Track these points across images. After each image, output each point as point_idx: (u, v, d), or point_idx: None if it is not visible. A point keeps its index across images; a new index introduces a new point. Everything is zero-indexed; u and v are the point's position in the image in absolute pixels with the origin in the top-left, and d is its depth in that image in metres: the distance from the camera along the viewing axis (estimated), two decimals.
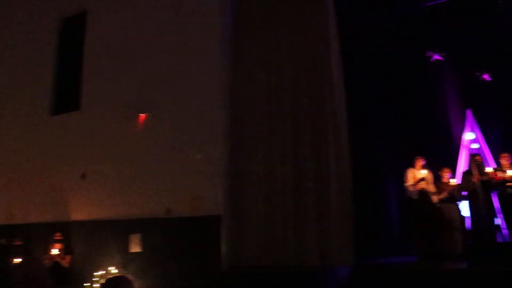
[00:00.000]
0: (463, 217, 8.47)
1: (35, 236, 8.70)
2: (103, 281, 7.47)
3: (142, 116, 8.06)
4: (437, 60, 10.57)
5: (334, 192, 6.61)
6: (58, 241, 8.02)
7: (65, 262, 7.87)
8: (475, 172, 8.06)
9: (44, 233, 8.41)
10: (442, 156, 9.91)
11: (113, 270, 7.54)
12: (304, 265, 6.58)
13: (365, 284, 6.23)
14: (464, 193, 8.58)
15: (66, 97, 9.52)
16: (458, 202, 8.53)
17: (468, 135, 10.31)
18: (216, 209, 6.94)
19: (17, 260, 7.75)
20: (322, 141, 6.75)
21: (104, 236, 7.96)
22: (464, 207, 8.73)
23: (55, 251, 7.81)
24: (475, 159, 8.44)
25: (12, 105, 10.11)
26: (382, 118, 10.41)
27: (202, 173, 7.21)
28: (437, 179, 8.51)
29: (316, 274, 6.43)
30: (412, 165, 8.44)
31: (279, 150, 6.99)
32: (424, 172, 8.27)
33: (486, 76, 10.31)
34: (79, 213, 8.50)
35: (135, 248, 7.55)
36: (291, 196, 6.82)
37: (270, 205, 6.90)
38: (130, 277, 2.07)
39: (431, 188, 8.37)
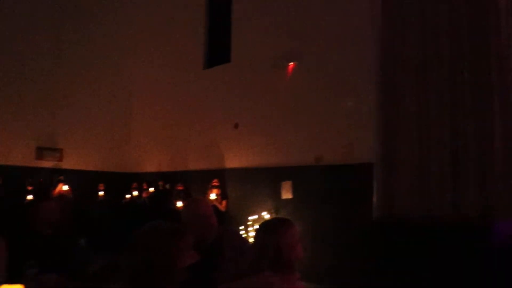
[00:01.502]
0: None
1: (194, 182, 10.29)
2: (256, 225, 8.67)
3: (291, 65, 8.80)
4: None
5: (498, 147, 6.46)
6: (215, 187, 9.38)
7: (221, 207, 9.19)
8: None
9: (202, 179, 9.91)
10: None
11: (265, 215, 8.66)
12: (461, 218, 6.69)
13: None
14: None
15: (218, 51, 10.81)
16: None
17: None
18: (368, 157, 7.29)
19: (180, 203, 9.37)
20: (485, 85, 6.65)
21: (256, 182, 9.06)
22: None
23: (212, 196, 9.17)
24: None
25: (168, 62, 11.80)
26: None
27: (353, 120, 7.64)
28: None
29: (476, 228, 6.55)
30: None
31: (434, 96, 7.04)
32: None
33: None
34: (233, 161, 9.78)
35: (286, 194, 8.49)
36: (448, 145, 6.91)
37: (425, 154, 7.11)
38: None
39: None
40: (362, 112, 7.55)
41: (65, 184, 10.46)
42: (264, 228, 2.33)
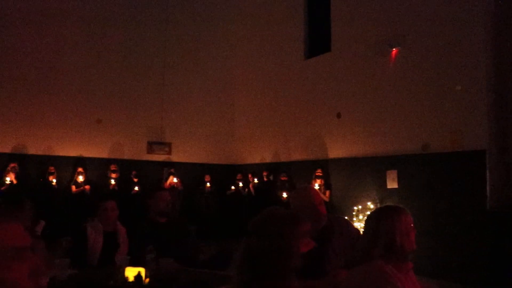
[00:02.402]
0: None
1: (298, 172, 10.55)
2: (361, 215, 8.72)
3: (394, 50, 8.67)
4: None
5: None
6: (318, 177, 9.55)
7: (325, 197, 9.34)
8: None
9: (305, 169, 10.13)
10: None
11: (370, 205, 8.68)
12: None
13: None
14: None
15: (318, 40, 10.91)
16: None
17: None
18: (480, 144, 7.02)
19: (284, 194, 9.67)
20: None
21: (360, 172, 9.07)
22: None
23: (316, 186, 9.34)
24: None
25: (269, 53, 12.13)
26: None
27: (462, 106, 7.35)
28: None
29: None
30: None
31: None
32: None
33: None
34: (336, 151, 9.87)
35: (392, 184, 8.42)
36: None
37: None
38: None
39: None
40: (472, 96, 7.26)
41: (175, 176, 11.25)
42: (377, 215, 2.27)
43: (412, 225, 2.23)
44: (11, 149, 10.49)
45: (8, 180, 9.47)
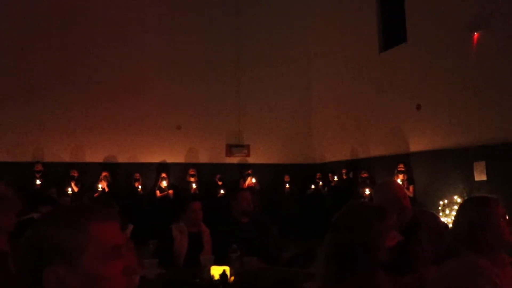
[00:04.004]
0: None
1: (378, 168, 10.30)
2: (448, 209, 8.35)
3: (476, 35, 8.21)
4: None
5: None
6: (400, 172, 9.27)
7: (409, 192, 9.03)
8: None
9: (386, 165, 9.88)
10: None
11: (457, 199, 8.28)
12: None
13: None
14: None
15: (392, 32, 10.58)
16: None
17: None
18: None
19: (366, 191, 9.49)
20: None
21: (445, 165, 8.68)
22: None
23: (398, 182, 9.09)
24: None
25: (343, 48, 11.95)
26: None
27: None
28: None
29: None
30: None
31: None
32: None
33: None
34: (417, 144, 9.51)
35: (480, 176, 7.98)
36: None
37: None
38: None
39: None
40: None
41: (253, 177, 11.37)
42: (467, 206, 2.15)
43: (499, 217, 2.05)
44: (103, 159, 11.13)
45: (100, 187, 10.05)
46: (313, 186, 11.80)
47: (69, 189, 9.85)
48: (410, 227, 3.00)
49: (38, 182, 9.86)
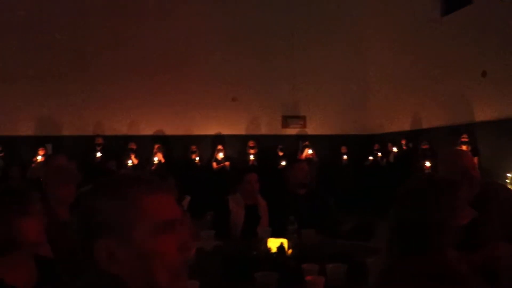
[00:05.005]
0: None
1: (440, 139, 9.90)
2: None
3: None
4: None
5: None
6: (464, 143, 8.85)
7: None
8: None
9: (449, 135, 9.48)
10: None
11: None
12: None
13: None
14: None
15: None
16: None
17: None
18: None
19: (427, 163, 9.17)
20: None
21: None
22: None
23: None
24: None
25: (402, 12, 11.43)
26: None
27: None
28: None
29: None
30: None
31: None
32: None
33: None
34: (482, 113, 9.05)
35: None
36: None
37: None
38: None
39: None
40: None
41: (310, 148, 11.26)
42: None
43: None
44: (154, 131, 11.36)
45: (156, 159, 10.26)
46: (371, 158, 11.55)
47: (129, 161, 10.11)
48: (478, 200, 2.82)
49: (98, 155, 10.18)
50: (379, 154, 11.43)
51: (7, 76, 10.53)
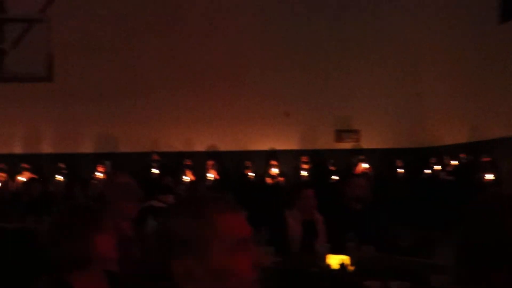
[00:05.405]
0: None
1: (502, 151, 9.49)
2: None
3: None
4: None
5: None
6: None
7: None
8: None
9: (511, 148, 9.10)
10: None
11: None
12: None
13: None
14: None
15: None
16: None
17: None
18: None
19: (489, 175, 8.82)
20: None
21: None
22: None
23: None
24: None
25: (457, 18, 11.10)
26: None
27: None
28: None
29: None
30: None
31: None
32: None
33: None
34: None
35: None
36: None
37: None
38: None
39: None
40: None
41: (365, 163, 11.09)
42: None
43: None
44: (207, 147, 11.53)
45: (210, 176, 10.39)
46: (427, 171, 11.22)
47: (185, 177, 10.29)
48: None
49: (154, 171, 10.40)
50: (436, 167, 11.08)
51: (69, 97, 11.01)
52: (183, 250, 1.05)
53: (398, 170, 11.37)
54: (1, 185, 8.01)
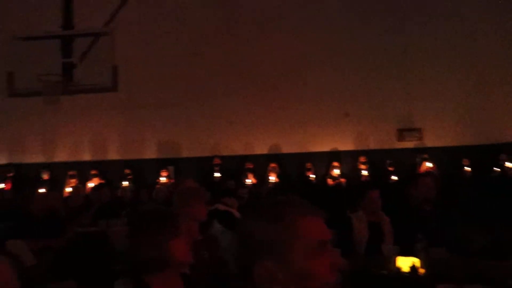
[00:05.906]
0: None
1: None
2: None
3: None
4: None
5: None
6: None
7: None
8: None
9: None
10: None
11: None
12: None
13: None
14: None
15: None
16: None
17: None
18: None
19: None
20: None
21: None
22: None
23: None
24: None
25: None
26: None
27: None
28: None
29: None
30: None
31: None
32: None
33: None
34: None
35: None
36: None
37: None
38: None
39: None
40: None
41: (429, 162, 10.76)
42: None
43: None
44: (268, 150, 11.58)
45: (272, 179, 10.43)
46: (497, 169, 10.73)
47: (247, 180, 10.38)
48: None
49: (217, 175, 10.58)
50: (508, 164, 10.56)
51: (133, 106, 11.43)
52: (264, 253, 1.07)
53: (465, 168, 10.93)
54: (73, 190, 8.38)
